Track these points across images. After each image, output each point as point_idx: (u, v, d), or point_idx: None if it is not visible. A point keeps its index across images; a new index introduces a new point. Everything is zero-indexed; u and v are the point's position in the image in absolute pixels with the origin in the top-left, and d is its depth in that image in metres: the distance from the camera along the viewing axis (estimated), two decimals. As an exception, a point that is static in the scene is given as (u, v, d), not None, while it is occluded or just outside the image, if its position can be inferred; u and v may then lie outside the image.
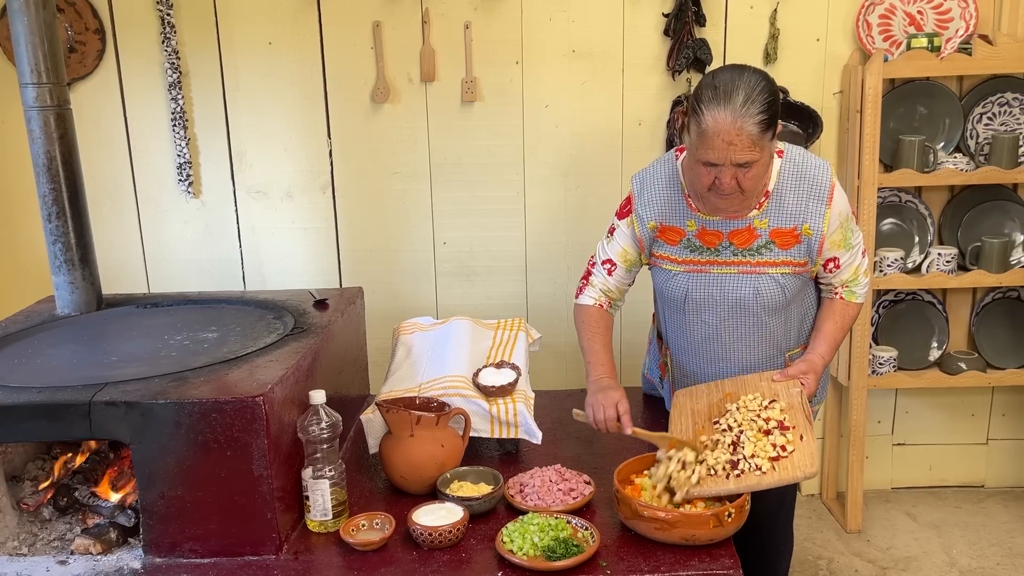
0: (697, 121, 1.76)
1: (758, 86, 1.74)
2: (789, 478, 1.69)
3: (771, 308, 1.96)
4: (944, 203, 3.02)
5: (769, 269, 1.94)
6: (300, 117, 2.95)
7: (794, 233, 1.91)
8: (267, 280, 3.07)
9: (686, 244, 1.97)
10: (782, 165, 1.91)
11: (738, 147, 1.73)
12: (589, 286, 2.13)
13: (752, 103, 1.72)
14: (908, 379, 3.00)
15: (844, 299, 2.03)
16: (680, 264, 1.99)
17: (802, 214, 1.90)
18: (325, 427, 1.73)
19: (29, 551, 1.74)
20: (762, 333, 2.00)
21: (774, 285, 1.94)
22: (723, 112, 1.72)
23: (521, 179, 3.00)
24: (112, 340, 2.10)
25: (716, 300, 1.97)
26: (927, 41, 2.75)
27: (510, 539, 1.63)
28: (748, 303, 1.96)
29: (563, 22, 2.87)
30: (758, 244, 1.92)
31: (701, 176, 1.82)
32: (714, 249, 1.95)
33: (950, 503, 3.21)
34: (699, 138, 1.77)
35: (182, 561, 1.67)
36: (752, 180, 1.80)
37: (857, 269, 2.01)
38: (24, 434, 1.68)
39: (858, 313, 2.06)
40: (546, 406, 2.27)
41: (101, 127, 2.94)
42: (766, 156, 1.80)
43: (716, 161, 1.76)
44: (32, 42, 2.11)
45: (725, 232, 1.93)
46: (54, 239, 2.22)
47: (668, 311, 2.08)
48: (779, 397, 1.83)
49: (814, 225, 1.90)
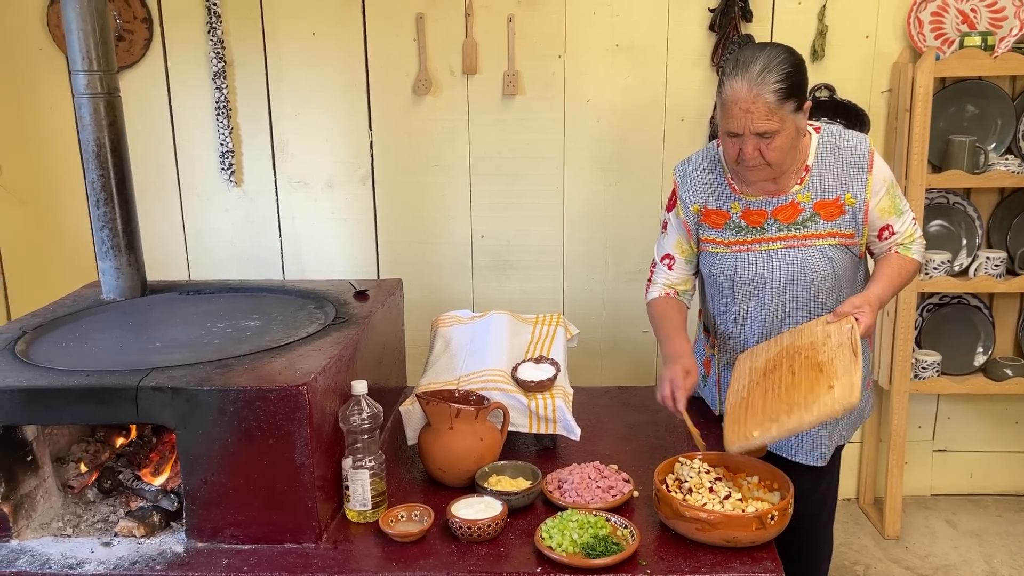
0: (720, 93, 1.85)
1: (777, 57, 1.81)
2: (829, 413, 1.68)
3: (819, 282, 1.96)
4: (993, 206, 2.95)
5: (816, 241, 1.96)
6: (342, 108, 2.96)
7: (837, 203, 1.94)
8: (306, 270, 3.09)
9: (731, 226, 2.00)
10: (819, 140, 1.96)
11: (755, 115, 1.79)
12: (653, 284, 2.16)
13: (769, 72, 1.79)
14: (951, 384, 2.94)
15: (900, 253, 2.02)
16: (726, 246, 2.02)
17: (843, 183, 1.93)
18: (366, 417, 1.73)
19: (74, 532, 1.77)
20: (812, 310, 1.99)
21: (821, 257, 1.95)
22: (740, 81, 1.79)
23: (560, 174, 2.98)
24: (156, 326, 2.12)
25: (764, 277, 1.99)
26: (980, 40, 2.69)
27: (549, 535, 1.63)
28: (796, 277, 1.97)
29: (607, 16, 2.85)
30: (803, 218, 1.95)
31: (728, 148, 1.89)
32: (760, 228, 1.98)
33: (991, 512, 3.15)
34: (722, 109, 1.85)
35: (223, 546, 1.69)
36: (776, 152, 1.85)
37: (910, 235, 2.02)
38: (72, 416, 1.70)
39: (915, 270, 2.04)
40: (583, 402, 2.26)
41: (147, 115, 2.97)
42: (789, 128, 1.84)
43: (736, 130, 1.83)
44: (84, 30, 2.13)
45: (769, 210, 1.97)
46: (101, 225, 2.25)
47: (716, 295, 2.09)
48: (830, 336, 1.82)
49: (856, 193, 1.93)
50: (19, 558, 1.67)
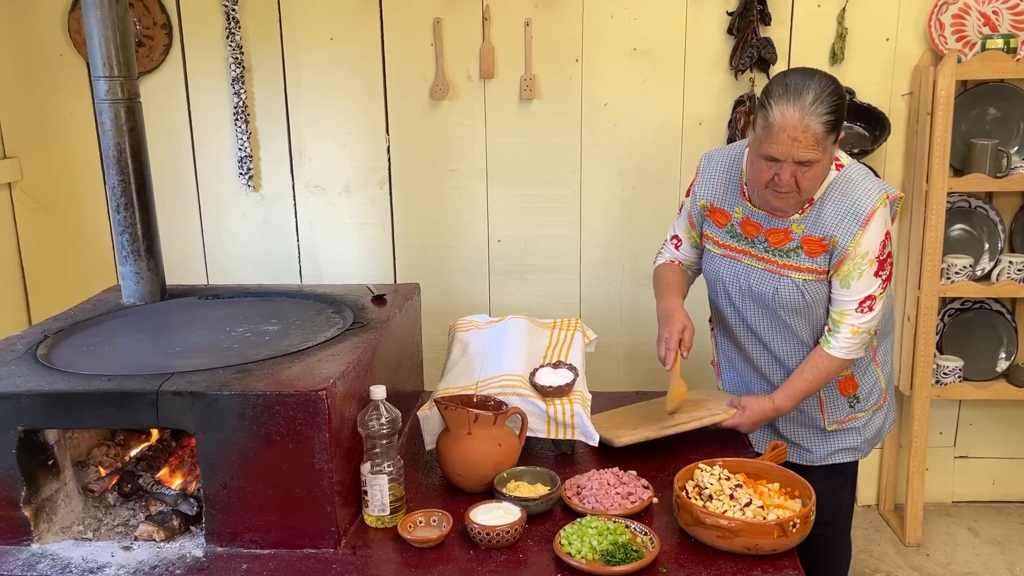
0: (764, 115, 1.81)
1: (827, 88, 1.79)
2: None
3: (790, 308, 2.00)
4: (1016, 209, 2.92)
5: (792, 273, 1.97)
6: (359, 113, 2.97)
7: (823, 243, 1.93)
8: (323, 274, 3.10)
9: (728, 229, 2.04)
10: (835, 178, 1.93)
11: (802, 144, 1.77)
12: (660, 255, 2.27)
13: (821, 103, 1.76)
14: (973, 390, 2.91)
15: (821, 347, 2.00)
16: (719, 247, 2.07)
17: (834, 228, 1.91)
18: (385, 422, 1.73)
19: (94, 536, 1.77)
20: (785, 328, 2.05)
21: (794, 288, 1.97)
22: (791, 108, 1.76)
23: (578, 178, 2.98)
24: (176, 330, 2.13)
25: (742, 289, 2.05)
26: (1003, 42, 2.66)
27: (568, 541, 1.62)
28: (768, 300, 2.01)
29: (624, 20, 2.84)
30: (788, 247, 1.96)
31: (761, 171, 1.86)
32: (751, 240, 2.01)
33: (1014, 519, 3.11)
34: (765, 132, 1.81)
35: (243, 551, 1.69)
36: (810, 180, 1.84)
37: (843, 314, 1.95)
38: (94, 420, 1.71)
39: (835, 368, 1.99)
40: (601, 408, 2.24)
41: (166, 120, 2.99)
42: (827, 159, 1.84)
43: (779, 156, 1.80)
44: (105, 35, 2.15)
45: (764, 227, 1.98)
46: (121, 230, 2.26)
47: (709, 290, 2.19)
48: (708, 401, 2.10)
49: (842, 241, 1.90)
50: (40, 562, 1.68)
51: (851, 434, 2.13)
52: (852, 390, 2.11)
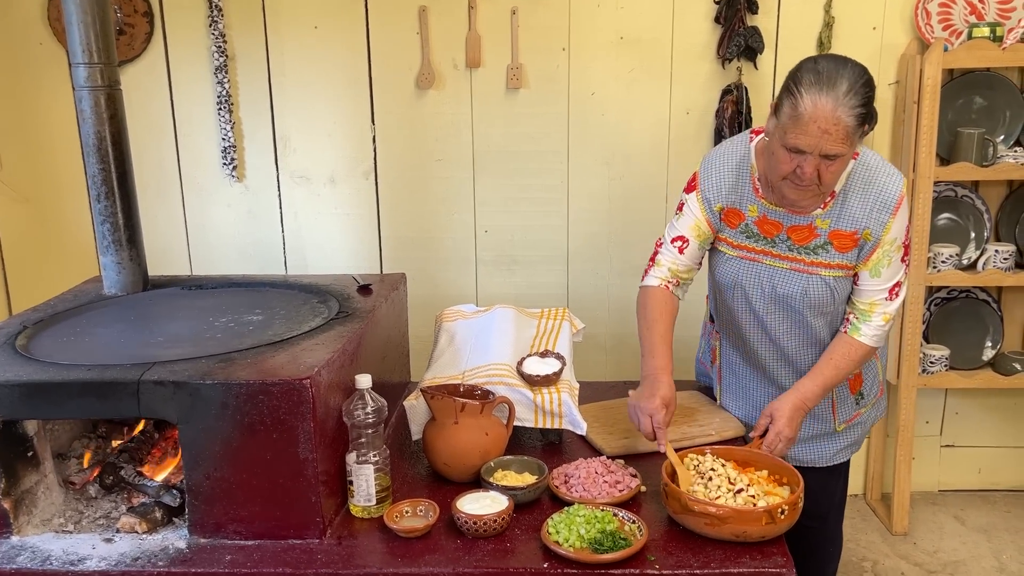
0: (793, 104, 1.69)
1: (861, 78, 1.69)
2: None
3: (817, 309, 1.92)
4: (1002, 198, 2.93)
5: (822, 271, 1.89)
6: (344, 102, 2.94)
7: (854, 236, 1.85)
8: (308, 265, 3.07)
9: (743, 229, 1.94)
10: (854, 167, 1.84)
11: (832, 136, 1.67)
12: (656, 266, 2.03)
13: (854, 94, 1.67)
14: (959, 379, 2.92)
15: (849, 334, 1.93)
16: (735, 249, 1.96)
17: (865, 219, 1.84)
18: (371, 412, 1.71)
19: (75, 528, 1.75)
20: (806, 330, 1.96)
21: (824, 287, 1.89)
22: (825, 98, 1.65)
23: (565, 168, 2.96)
24: (158, 321, 2.10)
25: (764, 292, 1.94)
26: (989, 31, 2.67)
27: (556, 530, 1.60)
28: (795, 301, 1.92)
29: (611, 8, 2.83)
30: (815, 244, 1.88)
31: (781, 162, 1.75)
32: (771, 240, 1.91)
33: (1000, 507, 3.13)
34: (792, 122, 1.70)
35: (226, 542, 1.67)
36: (832, 175, 1.75)
37: (873, 304, 1.91)
38: (74, 410, 1.68)
39: (862, 357, 1.93)
40: (588, 397, 2.23)
41: (148, 109, 2.95)
42: (851, 153, 1.75)
43: (805, 148, 1.70)
44: (84, 21, 2.11)
45: (785, 225, 1.89)
46: (102, 219, 2.23)
47: (719, 294, 2.06)
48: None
49: (875, 232, 1.84)
50: (20, 554, 1.65)
51: (855, 430, 2.11)
52: (859, 386, 2.07)
